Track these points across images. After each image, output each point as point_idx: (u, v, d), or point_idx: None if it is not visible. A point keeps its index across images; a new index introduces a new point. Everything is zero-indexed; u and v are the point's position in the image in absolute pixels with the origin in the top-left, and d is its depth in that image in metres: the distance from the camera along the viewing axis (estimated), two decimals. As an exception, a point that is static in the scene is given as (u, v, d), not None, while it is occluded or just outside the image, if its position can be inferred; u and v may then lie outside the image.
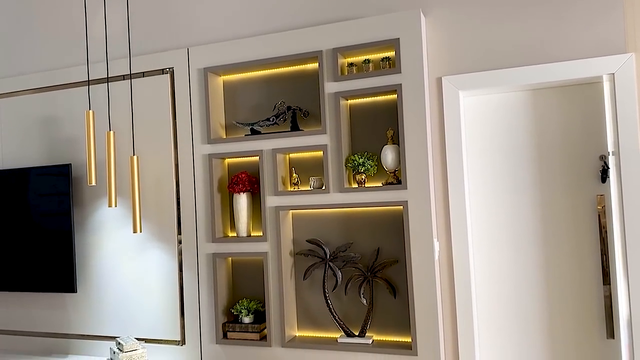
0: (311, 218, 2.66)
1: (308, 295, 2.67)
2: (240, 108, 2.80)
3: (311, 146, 2.53)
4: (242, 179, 2.66)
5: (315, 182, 2.57)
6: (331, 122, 2.50)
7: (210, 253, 2.73)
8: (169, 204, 2.82)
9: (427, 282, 2.35)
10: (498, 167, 2.49)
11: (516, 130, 2.46)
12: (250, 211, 2.71)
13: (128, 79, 2.89)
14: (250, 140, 2.65)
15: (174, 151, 2.82)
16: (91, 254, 3.00)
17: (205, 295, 2.74)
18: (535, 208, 2.43)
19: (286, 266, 2.62)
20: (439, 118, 2.49)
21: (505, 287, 2.48)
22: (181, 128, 2.80)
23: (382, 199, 2.42)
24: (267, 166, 2.61)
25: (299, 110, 2.61)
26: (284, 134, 2.58)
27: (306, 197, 2.55)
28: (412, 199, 2.37)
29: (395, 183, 2.44)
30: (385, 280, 2.48)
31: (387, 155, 2.44)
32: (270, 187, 2.61)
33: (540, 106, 2.43)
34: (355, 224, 2.58)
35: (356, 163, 2.47)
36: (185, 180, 2.79)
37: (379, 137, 2.54)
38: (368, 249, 2.56)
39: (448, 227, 2.47)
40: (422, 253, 2.36)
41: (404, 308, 2.50)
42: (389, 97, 2.52)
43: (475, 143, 2.52)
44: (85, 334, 3.01)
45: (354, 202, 2.46)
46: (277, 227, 2.59)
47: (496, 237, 2.49)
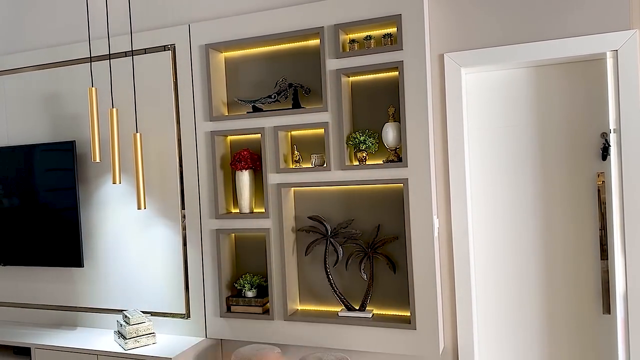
0: (313, 195, 2.69)
1: (310, 270, 2.72)
2: (242, 85, 2.80)
3: (312, 124, 2.54)
4: (244, 156, 2.68)
5: (316, 159, 2.59)
6: (332, 100, 2.50)
7: (213, 229, 2.77)
8: (173, 180, 2.85)
9: (426, 258, 2.39)
10: (499, 144, 2.49)
11: (518, 108, 2.46)
12: (252, 188, 2.74)
13: (130, 55, 2.88)
14: (252, 117, 2.66)
15: (177, 128, 2.84)
16: (97, 230, 3.05)
17: (209, 270, 2.79)
18: (536, 185, 2.45)
19: (288, 242, 2.66)
20: (440, 95, 2.48)
21: (503, 263, 2.51)
22: (183, 105, 2.81)
23: (383, 176, 2.44)
24: (268, 144, 2.63)
25: (301, 87, 2.61)
26: (286, 112, 2.59)
27: (308, 174, 2.57)
28: (413, 176, 2.39)
29: (396, 161, 2.46)
30: (385, 256, 2.52)
31: (388, 133, 2.45)
32: (272, 164, 2.63)
33: (543, 83, 2.42)
34: (356, 201, 2.61)
35: (357, 141, 2.48)
36: (188, 157, 2.81)
37: (380, 115, 2.54)
38: (369, 226, 2.59)
39: (448, 204, 2.49)
40: (422, 230, 2.39)
41: (403, 283, 2.54)
42: (390, 74, 2.52)
43: (477, 120, 2.52)
44: (93, 307, 3.09)
45: (355, 180, 2.48)
46: (279, 204, 2.62)
47: (495, 214, 2.51)
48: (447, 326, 2.52)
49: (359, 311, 2.56)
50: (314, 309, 2.72)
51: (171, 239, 2.87)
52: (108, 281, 3.04)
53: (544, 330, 2.46)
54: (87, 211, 3.06)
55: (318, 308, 2.71)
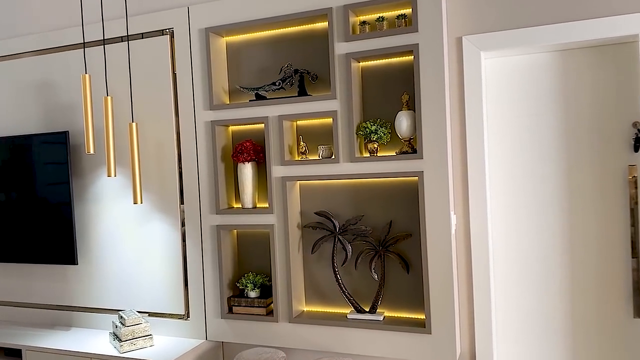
0: (320, 189, 2.52)
1: (316, 269, 2.55)
2: (245, 72, 2.63)
3: (320, 112, 2.37)
4: (246, 148, 2.51)
5: (324, 151, 2.41)
6: (341, 86, 2.32)
7: (214, 225, 2.60)
8: (171, 173, 2.69)
9: (442, 257, 2.21)
10: (521, 134, 2.31)
11: (542, 95, 2.28)
12: (255, 182, 2.57)
13: (125, 40, 2.71)
14: (254, 106, 2.49)
15: (175, 118, 2.67)
16: (92, 225, 2.89)
17: (209, 269, 2.63)
18: (561, 179, 2.27)
19: (293, 239, 2.50)
20: (458, 81, 2.30)
21: (524, 262, 2.33)
22: (182, 93, 2.64)
23: (396, 169, 2.27)
24: (272, 134, 2.46)
25: (307, 73, 2.44)
26: (291, 100, 2.41)
27: (314, 167, 2.40)
28: (429, 169, 2.21)
29: (410, 152, 2.28)
30: (397, 254, 2.35)
31: (402, 122, 2.27)
32: (276, 156, 2.46)
33: (569, 68, 2.24)
34: (366, 196, 2.44)
35: (368, 131, 2.30)
36: (188, 148, 2.64)
37: (393, 103, 2.36)
38: (380, 222, 2.42)
39: (466, 199, 2.31)
40: (438, 226, 2.21)
41: (417, 284, 2.37)
42: (404, 59, 2.34)
43: (498, 109, 2.34)
44: (88, 306, 2.93)
45: (365, 173, 2.31)
46: (283, 199, 2.45)
47: (517, 210, 2.33)
48: (464, 330, 2.35)
49: (369, 313, 2.39)
50: (321, 310, 2.55)
51: (170, 235, 2.71)
52: (103, 279, 2.88)
53: (568, 335, 2.29)
54: (82, 206, 2.90)
55: (325, 310, 2.55)
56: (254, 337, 2.56)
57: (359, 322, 2.37)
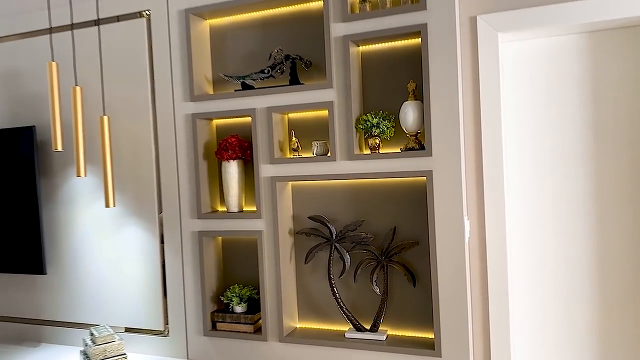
0: (315, 191, 2.23)
1: (311, 281, 2.26)
2: (230, 58, 2.34)
3: (314, 103, 2.08)
4: (231, 144, 2.22)
5: (318, 147, 2.12)
6: (339, 74, 2.03)
7: (195, 231, 2.32)
8: (148, 173, 2.40)
9: (454, 269, 1.93)
10: (545, 129, 2.02)
11: (568, 84, 1.99)
12: (242, 182, 2.28)
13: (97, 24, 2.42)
14: (240, 96, 2.20)
15: (153, 110, 2.38)
16: (62, 231, 2.60)
17: (191, 280, 2.34)
18: (590, 180, 1.98)
19: (285, 247, 2.21)
20: (472, 68, 2.01)
21: (548, 276, 2.04)
22: (160, 83, 2.35)
23: (401, 168, 1.98)
24: (260, 128, 2.17)
25: (300, 59, 2.15)
26: (281, 89, 2.12)
27: (308, 165, 2.11)
28: (438, 168, 1.92)
29: (417, 148, 1.99)
30: (402, 265, 2.06)
31: (408, 114, 1.98)
32: (264, 153, 2.17)
33: (600, 52, 1.95)
34: (367, 199, 2.15)
35: (369, 124, 2.01)
36: (166, 145, 2.35)
37: (397, 92, 2.07)
38: (382, 228, 2.13)
39: (481, 202, 2.02)
40: (449, 234, 1.92)
41: (425, 299, 2.08)
42: (410, 42, 2.05)
43: (517, 99, 2.05)
44: (58, 320, 2.65)
45: (365, 172, 2.02)
46: (273, 202, 2.16)
47: (539, 214, 2.04)
48: (479, 352, 2.06)
49: (370, 332, 2.11)
50: (316, 327, 2.26)
51: (147, 242, 2.42)
52: (74, 290, 2.60)
53: (598, 358, 2.00)
54: (50, 209, 2.61)
55: (320, 327, 2.26)
56: (241, 356, 2.28)
57: (359, 342, 2.08)
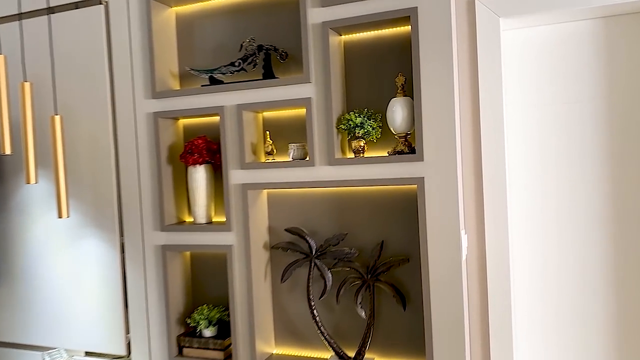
0: (293, 200, 1.97)
1: (289, 302, 2.01)
2: (199, 50, 2.08)
3: (289, 100, 1.82)
4: (198, 147, 1.96)
5: (295, 150, 1.87)
6: (317, 67, 1.78)
7: (158, 245, 2.06)
8: (107, 179, 2.14)
9: (449, 291, 1.67)
10: (553, 128, 1.76)
11: (580, 77, 1.73)
12: (210, 189, 2.02)
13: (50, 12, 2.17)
14: (206, 92, 1.94)
15: (112, 109, 2.12)
16: (13, 243, 2.34)
17: (154, 300, 2.08)
18: (606, 186, 1.72)
19: (258, 263, 1.95)
20: (470, 59, 1.75)
21: (559, 298, 1.78)
22: (120, 78, 2.09)
23: (388, 174, 1.72)
24: (230, 128, 1.91)
25: (274, 50, 1.89)
26: (253, 84, 1.86)
27: (282, 171, 1.85)
28: (431, 174, 1.66)
29: (406, 152, 1.73)
30: (391, 285, 1.80)
31: (396, 113, 1.72)
32: (234, 157, 1.91)
33: (614, 40, 1.69)
34: (351, 209, 1.89)
35: (352, 124, 1.75)
36: (126, 147, 2.10)
37: (384, 87, 1.82)
38: (368, 243, 1.87)
39: (480, 213, 1.77)
40: (444, 249, 1.67)
41: (416, 324, 1.82)
42: (399, 30, 1.79)
43: (522, 95, 1.79)
44: (10, 341, 2.38)
45: (347, 179, 1.76)
46: (244, 212, 1.90)
47: (548, 228, 1.78)
48: (478, 384, 1.80)
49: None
50: (295, 354, 2.01)
51: (107, 257, 2.16)
52: (28, 309, 2.33)
53: (616, 393, 1.74)
54: (1, 219, 2.35)
55: (300, 353, 2.00)
56: (210, 387, 2.02)
57: (341, 373, 1.82)
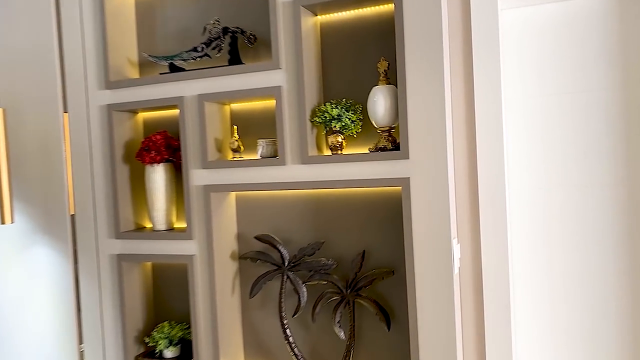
0: (264, 204, 1.74)
1: (259, 319, 1.78)
2: (161, 35, 1.86)
3: (256, 89, 1.59)
4: (155, 143, 1.73)
5: (265, 147, 1.64)
6: (288, 51, 1.55)
7: (114, 254, 1.83)
8: (58, 180, 1.90)
9: (440, 308, 1.44)
10: (558, 121, 1.53)
11: (589, 62, 1.50)
12: (171, 192, 1.80)
13: (-5, -7, 1.94)
14: (164, 82, 1.71)
15: (62, 101, 1.89)
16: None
17: (111, 316, 1.85)
18: (619, 189, 1.49)
19: (224, 276, 1.72)
20: (463, 41, 1.53)
21: (567, 320, 1.55)
22: (71, 66, 1.86)
23: (370, 174, 1.49)
24: (190, 122, 1.68)
25: (241, 33, 1.66)
26: (215, 72, 1.63)
27: (249, 171, 1.62)
28: (418, 174, 1.43)
29: (390, 148, 1.50)
30: (374, 301, 1.58)
31: (377, 103, 1.49)
32: (195, 155, 1.68)
33: (630, 21, 1.46)
34: (328, 214, 1.66)
35: (328, 116, 1.53)
36: (79, 144, 1.86)
37: (366, 75, 1.59)
38: (348, 253, 1.64)
39: (475, 220, 1.54)
40: (433, 261, 1.44)
41: (403, 345, 1.59)
42: (383, 9, 1.57)
43: (524, 83, 1.56)
44: (-44, 361, 2.16)
45: (323, 180, 1.53)
46: (207, 218, 1.67)
47: (553, 236, 1.55)
48: (473, 415, 1.57)
49: (333, 387, 1.62)
50: (266, 378, 1.78)
51: (58, 267, 1.93)
52: (-24, 325, 2.11)
53: None
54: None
55: (271, 377, 1.78)
56: (171, 414, 1.79)
57: (317, 402, 1.60)
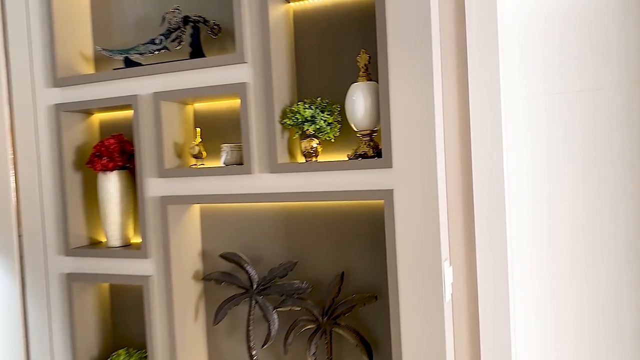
0: (232, 217, 1.54)
1: (226, 348, 1.57)
2: (118, 26, 1.65)
3: (218, 87, 1.38)
4: (108, 148, 1.53)
5: (229, 153, 1.43)
6: (256, 43, 1.34)
7: (63, 273, 1.62)
8: (2, 189, 1.70)
9: (428, 339, 1.23)
10: (567, 125, 1.32)
11: (603, 55, 1.29)
12: (127, 203, 1.59)
13: None
14: (117, 79, 1.50)
15: (8, 100, 1.69)
16: None
17: (60, 342, 1.65)
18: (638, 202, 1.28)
19: (185, 299, 1.51)
20: (456, 29, 1.32)
21: (574, 353, 1.34)
22: (17, 61, 1.66)
23: (348, 185, 1.28)
24: (145, 124, 1.48)
25: (204, 23, 1.46)
26: (172, 67, 1.43)
27: (212, 180, 1.42)
28: (402, 185, 1.23)
29: (371, 155, 1.30)
30: (354, 330, 1.37)
31: (357, 103, 1.28)
32: (150, 162, 1.48)
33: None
34: (303, 229, 1.46)
35: (300, 118, 1.32)
36: (26, 149, 1.66)
37: (345, 70, 1.39)
38: (325, 274, 1.43)
39: (470, 239, 1.33)
40: (421, 287, 1.23)
41: (387, 382, 1.39)
42: (362, -6, 1.36)
43: (525, 81, 1.35)
44: None
45: (295, 191, 1.33)
46: (164, 233, 1.47)
47: (561, 258, 1.34)
48: None
49: None
50: (233, 415, 1.57)
51: (4, 286, 1.72)
52: None
53: None
54: None
55: (239, 414, 1.57)
56: None
57: None
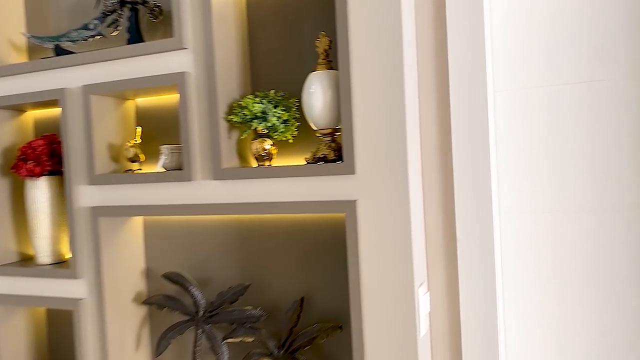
0: (179, 231, 1.33)
1: (171, 381, 1.35)
2: (53, 11, 1.45)
3: (154, 77, 1.17)
4: (35, 150, 1.32)
5: (168, 156, 1.22)
6: (197, 25, 1.13)
7: (-14, 294, 1.41)
8: None
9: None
10: (568, 123, 1.10)
11: (606, 41, 1.07)
12: (59, 214, 1.38)
13: None
14: (42, 70, 1.29)
15: None
16: None
17: (-15, 372, 1.44)
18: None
19: (123, 326, 1.30)
20: (434, 15, 1.11)
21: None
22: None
23: (305, 195, 1.06)
24: (74, 122, 1.27)
25: (144, 4, 1.25)
26: (104, 54, 1.22)
27: (148, 188, 1.20)
28: (368, 195, 1.01)
29: (332, 159, 1.08)
30: (314, 367, 1.15)
31: (315, 96, 1.07)
32: (80, 166, 1.27)
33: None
34: (257, 246, 1.24)
35: (248, 114, 1.11)
36: (-52, 151, 1.46)
37: (306, 59, 1.17)
38: (282, 299, 1.22)
39: (451, 259, 1.11)
40: (389, 318, 1.01)
41: None
42: (323, -33, 1.15)
43: (515, 73, 1.13)
44: None
45: (242, 202, 1.11)
46: (96, 250, 1.25)
47: (559, 280, 1.12)
48: None
49: None
50: None
51: None
52: None
53: None
54: None
55: None
56: None
57: None
